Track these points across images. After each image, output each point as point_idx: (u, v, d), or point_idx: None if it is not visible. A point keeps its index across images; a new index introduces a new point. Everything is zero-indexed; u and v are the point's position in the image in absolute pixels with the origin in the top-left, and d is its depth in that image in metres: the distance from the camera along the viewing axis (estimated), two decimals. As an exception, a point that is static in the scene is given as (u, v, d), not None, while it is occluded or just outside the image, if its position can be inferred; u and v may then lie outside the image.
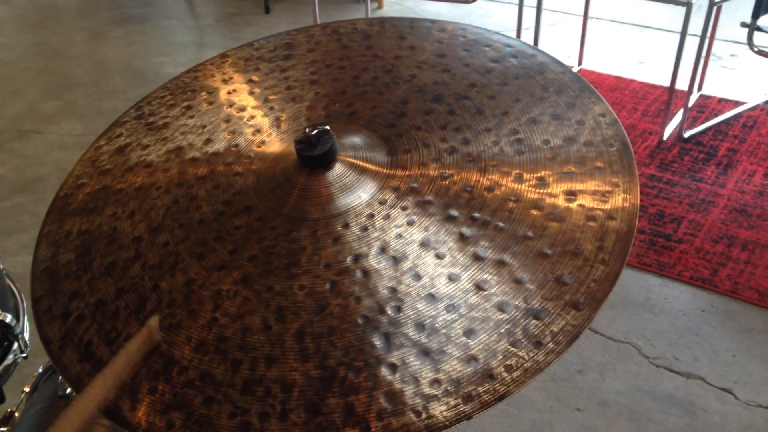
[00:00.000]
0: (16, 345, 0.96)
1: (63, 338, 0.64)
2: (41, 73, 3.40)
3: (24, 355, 0.98)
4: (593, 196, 0.67)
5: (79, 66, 3.43)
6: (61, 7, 4.21)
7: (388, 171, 0.71)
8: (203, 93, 0.89)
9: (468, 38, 0.89)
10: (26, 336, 0.99)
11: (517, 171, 0.70)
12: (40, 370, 1.04)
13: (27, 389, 1.02)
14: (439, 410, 0.55)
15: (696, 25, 2.48)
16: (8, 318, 0.95)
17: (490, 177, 0.70)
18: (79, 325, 0.65)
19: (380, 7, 4.00)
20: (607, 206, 0.66)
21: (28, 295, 1.03)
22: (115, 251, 0.70)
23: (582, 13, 2.97)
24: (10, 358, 0.95)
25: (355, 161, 0.72)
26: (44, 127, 2.91)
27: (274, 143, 0.78)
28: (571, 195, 0.67)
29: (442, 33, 0.91)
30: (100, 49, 3.61)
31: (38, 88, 3.25)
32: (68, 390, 0.95)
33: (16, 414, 0.98)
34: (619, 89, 2.88)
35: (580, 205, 0.66)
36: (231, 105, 0.86)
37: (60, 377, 0.98)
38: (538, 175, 0.69)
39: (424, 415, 0.54)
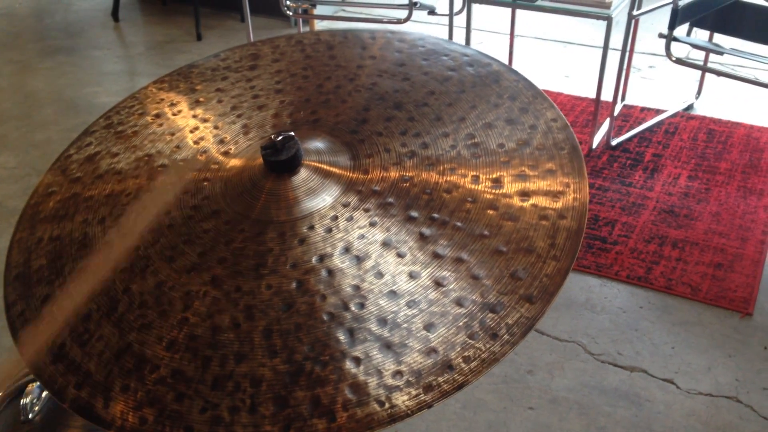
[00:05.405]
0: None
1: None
2: (-32, 107, 3.31)
3: None
4: (545, 196, 0.71)
5: (7, 99, 3.34)
6: (-16, 40, 4.10)
7: (351, 175, 0.74)
8: (172, 102, 0.91)
9: (427, 48, 0.93)
10: None
11: (474, 173, 0.74)
12: None
13: None
14: (402, 400, 0.58)
15: (616, 39, 2.58)
16: None
17: (448, 179, 0.73)
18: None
19: (312, 30, 4.01)
20: (559, 205, 0.70)
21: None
22: (87, 256, 0.72)
23: (508, 31, 3.08)
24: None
25: (320, 165, 0.75)
26: (-25, 162, 2.84)
27: (241, 150, 0.81)
28: (524, 195, 0.71)
29: (402, 43, 0.95)
30: (28, 81, 3.51)
31: (-34, 123, 3.16)
32: (30, 415, 0.93)
33: None
34: (547, 102, 2.99)
35: (533, 205, 0.70)
36: (198, 114, 0.88)
37: (21, 402, 0.96)
38: (494, 176, 0.73)
39: (387, 405, 0.57)
